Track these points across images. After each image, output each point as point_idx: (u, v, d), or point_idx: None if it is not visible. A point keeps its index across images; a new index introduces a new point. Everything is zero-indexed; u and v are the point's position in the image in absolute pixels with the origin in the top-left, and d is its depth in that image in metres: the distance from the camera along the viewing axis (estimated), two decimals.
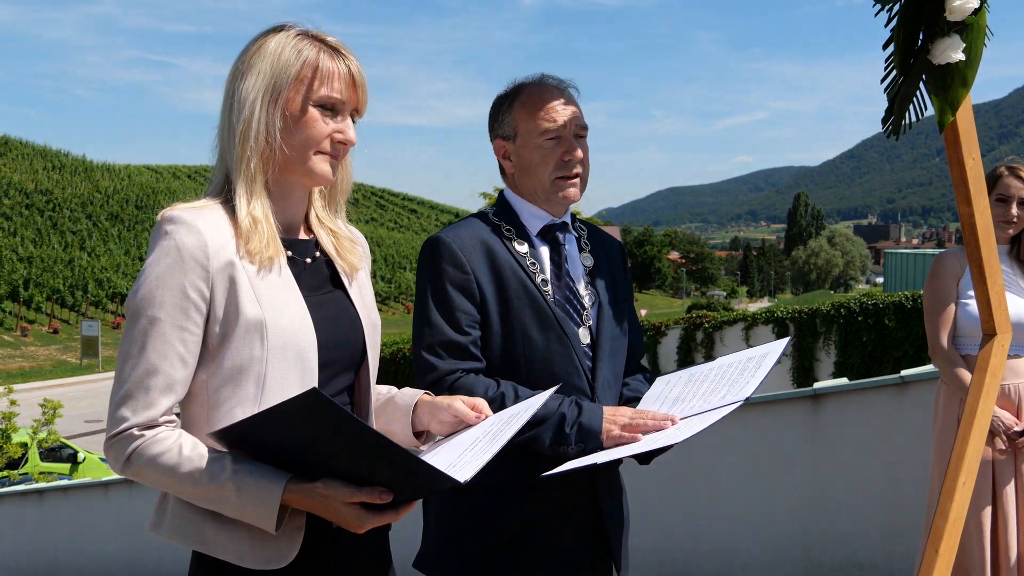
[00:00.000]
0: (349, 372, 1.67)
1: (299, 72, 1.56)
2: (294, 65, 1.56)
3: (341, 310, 1.66)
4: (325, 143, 1.59)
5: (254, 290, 1.51)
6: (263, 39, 1.59)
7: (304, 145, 1.57)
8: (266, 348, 1.50)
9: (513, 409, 1.71)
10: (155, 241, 1.51)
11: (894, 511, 4.18)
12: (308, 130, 1.57)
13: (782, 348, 1.95)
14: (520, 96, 2.16)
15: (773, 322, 16.93)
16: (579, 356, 2.10)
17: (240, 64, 1.59)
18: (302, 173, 1.60)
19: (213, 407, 1.51)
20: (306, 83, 1.56)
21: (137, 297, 1.48)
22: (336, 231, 1.72)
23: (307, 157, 1.58)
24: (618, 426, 1.94)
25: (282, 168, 1.59)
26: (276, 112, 1.55)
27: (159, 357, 1.46)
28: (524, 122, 2.13)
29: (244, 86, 1.56)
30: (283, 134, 1.56)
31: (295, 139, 1.57)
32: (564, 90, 2.17)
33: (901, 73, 1.85)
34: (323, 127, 1.58)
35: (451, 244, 2.07)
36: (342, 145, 1.61)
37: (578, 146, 2.13)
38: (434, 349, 2.04)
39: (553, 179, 2.13)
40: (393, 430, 1.77)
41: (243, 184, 1.55)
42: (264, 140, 1.55)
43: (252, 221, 1.54)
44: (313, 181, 1.62)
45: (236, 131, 1.55)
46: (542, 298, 2.08)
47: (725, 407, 1.82)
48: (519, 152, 2.16)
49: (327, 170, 1.60)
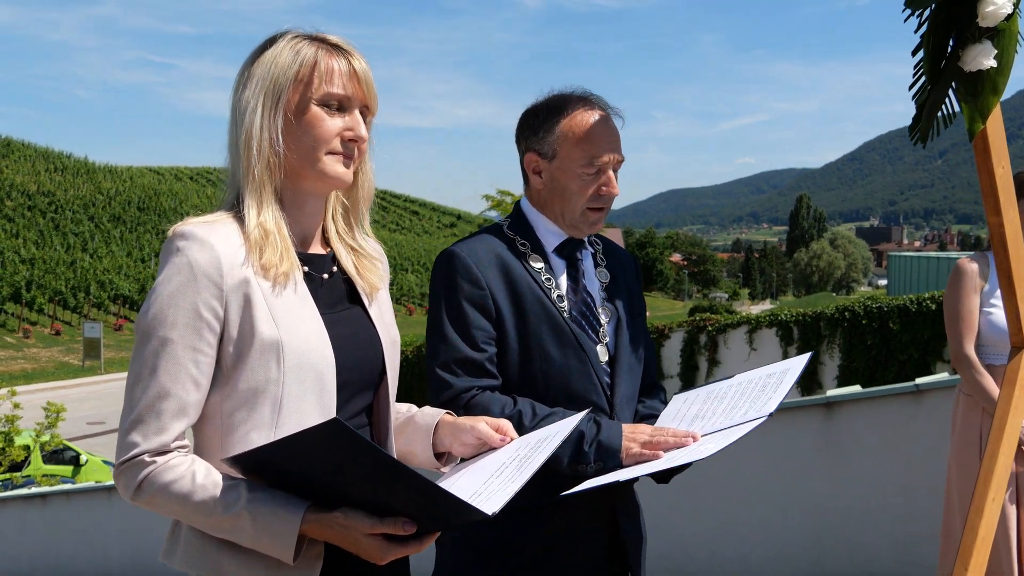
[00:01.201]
0: (368, 392, 1.62)
1: (298, 72, 1.51)
2: (292, 66, 1.51)
3: (360, 328, 1.61)
4: (335, 142, 1.53)
5: (269, 308, 1.46)
6: (262, 49, 1.55)
7: (313, 146, 1.52)
8: (282, 369, 1.45)
9: (540, 433, 1.66)
10: (166, 258, 1.45)
11: (907, 521, 4.13)
12: (314, 130, 1.52)
13: (803, 364, 1.91)
14: (566, 116, 2.09)
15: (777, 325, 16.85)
16: (597, 373, 2.07)
17: (240, 76, 1.55)
18: (314, 177, 1.54)
19: (227, 431, 1.46)
20: (305, 82, 1.51)
21: (148, 317, 1.43)
22: (358, 248, 1.66)
23: (317, 158, 1.52)
24: (638, 443, 1.90)
25: (293, 175, 1.54)
26: (278, 116, 1.51)
27: (171, 380, 1.41)
28: (568, 147, 2.08)
29: (244, 96, 1.52)
30: (288, 138, 1.51)
31: (302, 142, 1.52)
32: (611, 118, 2.13)
33: (931, 80, 1.80)
34: (330, 125, 1.52)
35: (466, 259, 2.04)
36: (354, 143, 1.55)
37: (614, 180, 2.10)
38: (449, 366, 1.99)
39: (585, 209, 2.09)
40: (413, 451, 1.71)
41: (251, 194, 1.50)
42: (268, 147, 1.50)
43: (263, 232, 1.48)
44: (327, 184, 1.56)
45: (240, 141, 1.51)
46: (559, 314, 2.04)
47: (748, 423, 1.77)
48: (554, 174, 2.11)
49: (341, 171, 1.54)
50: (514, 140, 2.21)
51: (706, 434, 1.84)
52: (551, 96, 2.15)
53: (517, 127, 2.19)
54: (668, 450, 1.85)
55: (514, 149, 2.21)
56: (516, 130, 2.19)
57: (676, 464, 1.77)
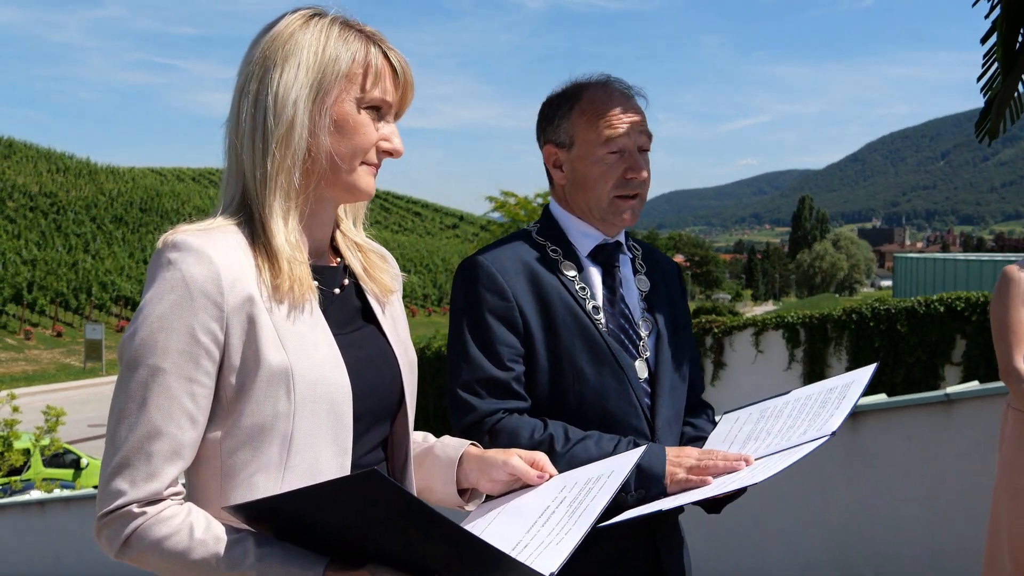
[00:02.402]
0: (385, 423, 1.43)
1: (350, 68, 1.32)
2: (344, 59, 1.32)
3: (375, 349, 1.42)
4: (372, 153, 1.36)
5: (277, 331, 1.26)
6: (294, 25, 1.33)
7: (352, 155, 1.34)
8: (293, 402, 1.25)
9: (589, 472, 1.46)
10: (155, 272, 1.24)
11: (936, 536, 3.98)
12: (356, 136, 1.33)
13: (868, 376, 1.72)
14: (581, 100, 1.92)
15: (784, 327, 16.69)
16: (636, 392, 1.88)
17: (269, 53, 1.32)
18: (343, 187, 1.36)
19: (228, 474, 1.26)
20: (357, 82, 1.33)
21: (135, 342, 1.22)
22: (363, 245, 1.49)
23: (352, 168, 1.34)
24: (684, 468, 1.71)
25: (318, 182, 1.35)
26: (325, 114, 1.31)
27: (163, 416, 1.20)
28: (584, 130, 1.91)
29: (283, 80, 1.29)
30: (333, 141, 1.32)
31: (341, 146, 1.33)
32: (631, 97, 1.95)
33: (1004, 68, 1.64)
34: (371, 133, 1.35)
35: (490, 267, 1.86)
36: (387, 155, 1.39)
37: (642, 163, 1.92)
38: (472, 387, 1.81)
39: (612, 197, 1.91)
40: (432, 487, 1.52)
41: (279, 201, 1.30)
42: (306, 147, 1.30)
43: (282, 247, 1.29)
44: (354, 197, 1.38)
45: (272, 135, 1.29)
46: (594, 327, 1.87)
47: (808, 444, 1.59)
48: (574, 164, 1.93)
49: (371, 184, 1.37)
50: (535, 138, 2.04)
51: (760, 457, 1.66)
52: (568, 84, 1.98)
53: (536, 122, 2.02)
54: (718, 475, 1.66)
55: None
56: (536, 126, 2.02)
57: (727, 491, 1.59)
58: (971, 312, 13.05)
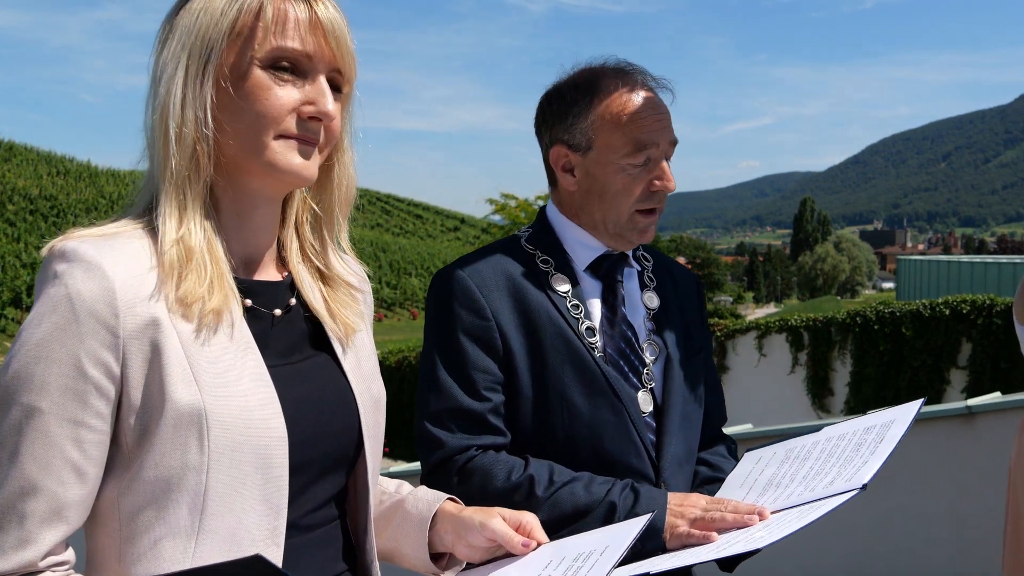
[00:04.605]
0: (338, 474, 1.19)
1: (235, 22, 1.07)
2: (228, 13, 1.07)
3: (325, 384, 1.18)
4: (288, 120, 1.09)
5: (189, 361, 1.03)
6: None
7: (256, 126, 1.08)
8: (207, 451, 1.01)
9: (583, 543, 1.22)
10: (39, 287, 1.03)
11: (959, 553, 3.81)
12: (257, 103, 1.07)
13: (913, 414, 1.46)
14: (601, 95, 1.66)
15: (787, 330, 16.57)
16: (638, 427, 1.64)
17: (161, 32, 1.11)
18: (261, 171, 1.10)
19: (129, 539, 1.03)
20: (246, 35, 1.08)
21: (7, 374, 0.99)
22: (330, 273, 1.23)
23: (262, 144, 1.09)
24: (686, 520, 1.46)
25: (232, 170, 1.11)
26: (207, 83, 1.07)
27: (40, 468, 0.97)
28: (606, 133, 1.65)
29: (160, 58, 1.09)
30: (223, 116, 1.08)
31: (241, 120, 1.08)
32: (657, 93, 1.70)
33: None
34: (280, 96, 1.08)
35: (466, 280, 1.62)
36: (315, 121, 1.11)
37: (670, 171, 1.68)
38: (441, 419, 1.58)
39: (634, 212, 1.67)
40: (401, 550, 1.29)
41: (168, 197, 1.07)
42: (194, 129, 1.07)
43: (183, 251, 1.06)
44: (278, 180, 1.12)
45: (149, 120, 1.09)
46: (587, 352, 1.62)
47: (834, 498, 1.34)
48: (591, 170, 1.68)
49: (296, 162, 1.10)
50: (534, 132, 1.79)
51: (778, 510, 1.41)
52: (578, 72, 1.72)
53: (537, 114, 1.76)
54: (725, 530, 1.41)
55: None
56: (536, 118, 1.77)
57: (730, 554, 1.30)
58: (977, 315, 12.91)
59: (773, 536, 1.28)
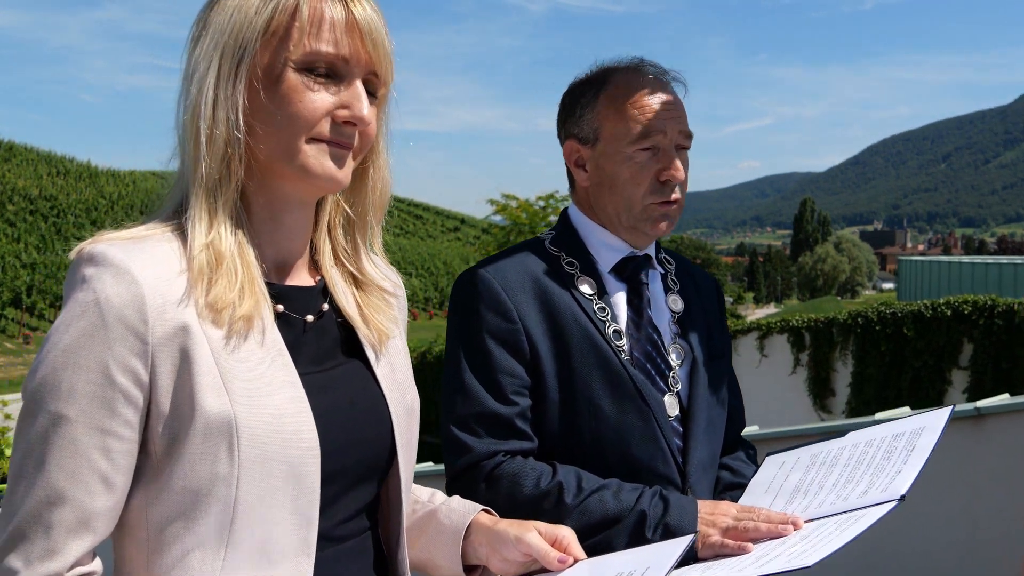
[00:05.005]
0: (370, 484, 1.17)
1: (270, 21, 1.04)
2: (262, 12, 1.04)
3: (358, 391, 1.15)
4: (322, 124, 1.06)
5: (220, 369, 1.00)
6: None
7: (288, 130, 1.05)
8: (237, 461, 0.99)
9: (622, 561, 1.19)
10: (67, 292, 1.00)
11: (969, 554, 3.76)
12: (290, 106, 1.05)
13: (943, 422, 1.41)
14: (608, 86, 1.65)
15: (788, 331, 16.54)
16: (665, 432, 1.61)
17: (194, 30, 1.09)
18: (294, 175, 1.08)
19: (157, 550, 1.00)
20: (281, 35, 1.05)
21: (35, 380, 0.98)
22: (364, 278, 1.20)
23: (295, 148, 1.06)
24: (718, 529, 1.41)
25: (265, 173, 1.09)
26: (240, 84, 1.05)
27: (67, 477, 0.95)
28: (611, 122, 1.64)
29: (193, 56, 1.07)
30: (256, 118, 1.05)
31: (274, 122, 1.05)
32: (667, 83, 1.67)
33: None
34: (314, 100, 1.06)
35: (492, 282, 1.59)
36: (349, 126, 1.09)
37: (680, 161, 1.65)
38: (468, 424, 1.55)
39: (646, 204, 1.64)
40: (434, 561, 1.27)
41: (199, 200, 1.05)
42: (225, 130, 1.04)
43: (213, 256, 1.03)
44: (311, 185, 1.10)
45: (185, 122, 1.07)
46: (615, 355, 1.60)
47: (873, 508, 1.29)
48: (599, 162, 1.66)
49: (329, 167, 1.08)
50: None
51: (811, 519, 1.37)
52: (594, 69, 1.71)
53: (557, 113, 1.76)
54: (758, 541, 1.36)
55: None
56: (556, 118, 1.76)
57: (774, 571, 1.23)
58: (978, 316, 12.89)
59: (819, 553, 1.23)
